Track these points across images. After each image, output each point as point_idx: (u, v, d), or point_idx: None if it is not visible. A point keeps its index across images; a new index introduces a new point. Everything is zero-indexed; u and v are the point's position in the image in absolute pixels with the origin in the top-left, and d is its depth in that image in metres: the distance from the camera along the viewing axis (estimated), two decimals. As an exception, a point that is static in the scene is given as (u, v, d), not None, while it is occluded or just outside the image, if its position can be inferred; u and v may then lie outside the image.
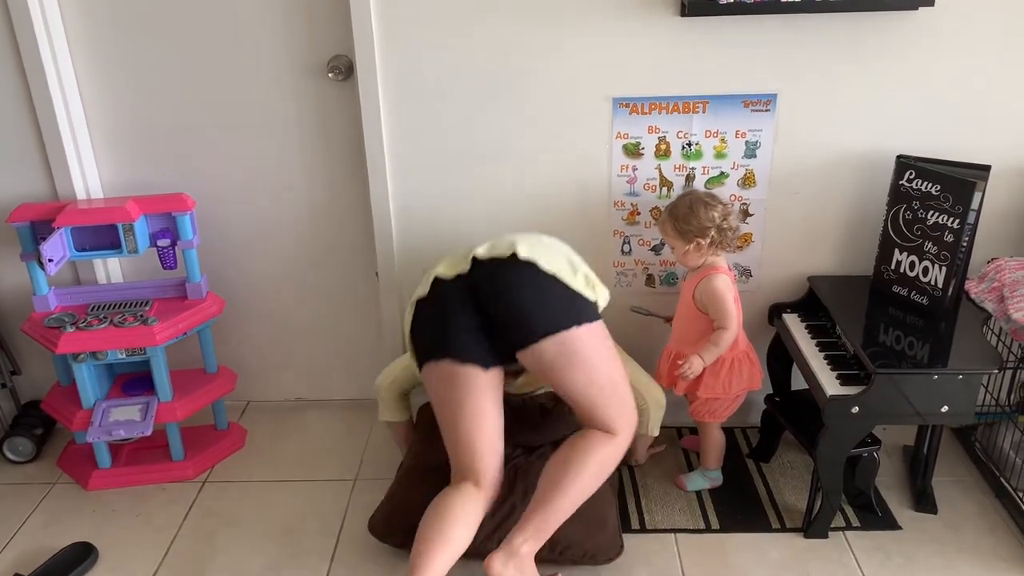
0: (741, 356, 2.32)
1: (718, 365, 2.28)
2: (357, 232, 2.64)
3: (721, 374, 2.29)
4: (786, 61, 2.32)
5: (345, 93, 2.46)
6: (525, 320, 1.93)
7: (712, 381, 2.29)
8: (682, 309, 2.36)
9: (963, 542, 2.23)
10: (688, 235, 2.22)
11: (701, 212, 2.20)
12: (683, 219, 2.21)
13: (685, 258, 2.28)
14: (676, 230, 2.24)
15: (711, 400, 2.33)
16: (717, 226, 2.20)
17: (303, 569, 2.20)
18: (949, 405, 2.06)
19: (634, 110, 2.39)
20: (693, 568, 2.17)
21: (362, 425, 2.74)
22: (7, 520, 2.40)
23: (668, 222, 2.26)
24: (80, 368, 2.40)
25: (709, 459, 2.44)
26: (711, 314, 2.25)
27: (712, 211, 2.20)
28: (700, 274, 2.27)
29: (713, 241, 2.22)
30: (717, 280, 2.23)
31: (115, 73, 2.47)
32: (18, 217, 2.39)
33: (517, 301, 1.93)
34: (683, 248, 2.25)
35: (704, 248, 2.23)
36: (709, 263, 2.27)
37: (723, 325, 2.23)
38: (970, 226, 2.22)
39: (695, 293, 2.27)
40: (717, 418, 2.37)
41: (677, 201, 2.27)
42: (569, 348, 1.93)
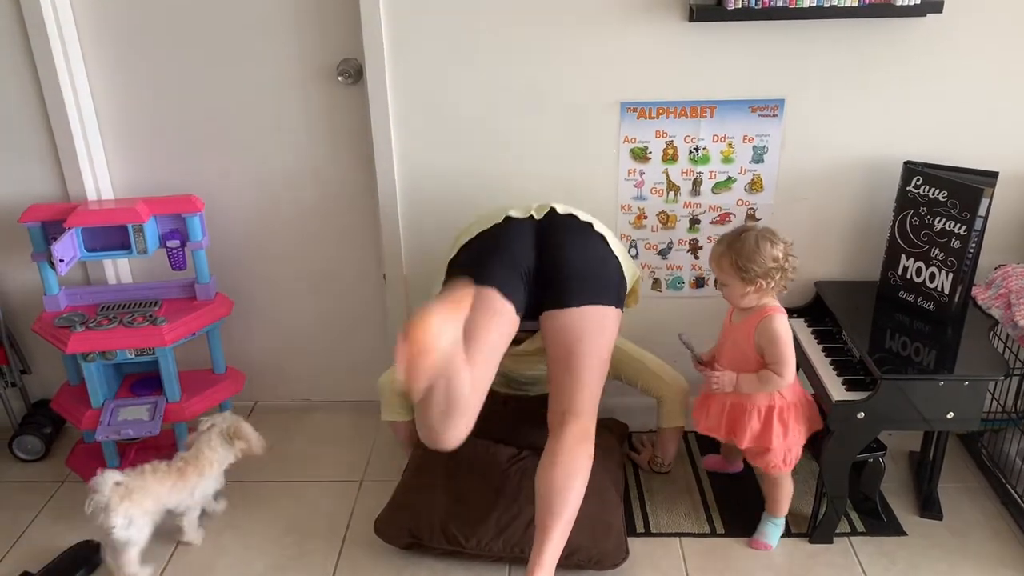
0: (802, 398, 2.16)
1: (786, 413, 2.10)
2: (365, 235, 2.65)
3: (790, 422, 2.11)
4: (794, 67, 2.33)
5: (354, 96, 2.48)
6: (577, 282, 2.06)
7: (782, 431, 2.11)
8: (732, 352, 2.15)
9: (968, 548, 2.22)
10: (751, 276, 2.01)
11: (767, 250, 2.00)
12: (747, 258, 2.00)
13: (741, 300, 2.08)
14: (737, 268, 2.02)
15: (785, 451, 2.15)
16: (780, 267, 2.02)
17: (308, 570, 2.21)
18: (955, 411, 2.06)
19: (642, 115, 2.39)
20: (698, 572, 2.17)
21: (369, 427, 2.75)
22: (16, 518, 2.42)
23: (727, 258, 2.04)
24: (89, 368, 2.41)
25: (781, 507, 2.25)
26: (766, 357, 2.07)
27: (776, 249, 2.01)
28: (758, 314, 2.07)
29: (775, 283, 2.04)
30: (778, 323, 2.05)
31: (126, 75, 2.49)
32: (29, 217, 2.41)
33: (579, 261, 2.08)
34: (742, 290, 2.04)
35: (764, 290, 2.04)
36: (764, 302, 2.09)
37: (779, 372, 2.04)
38: (977, 232, 2.22)
39: (755, 336, 2.07)
40: (790, 466, 2.17)
41: (739, 237, 2.04)
42: (595, 323, 2.07)
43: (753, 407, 2.11)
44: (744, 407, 2.12)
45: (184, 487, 2.21)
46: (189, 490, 2.22)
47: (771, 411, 2.10)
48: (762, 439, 2.12)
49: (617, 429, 2.58)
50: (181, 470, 2.22)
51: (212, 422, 2.30)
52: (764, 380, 2.06)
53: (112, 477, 2.10)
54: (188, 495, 2.22)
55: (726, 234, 2.09)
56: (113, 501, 2.07)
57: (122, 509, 2.07)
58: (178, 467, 2.22)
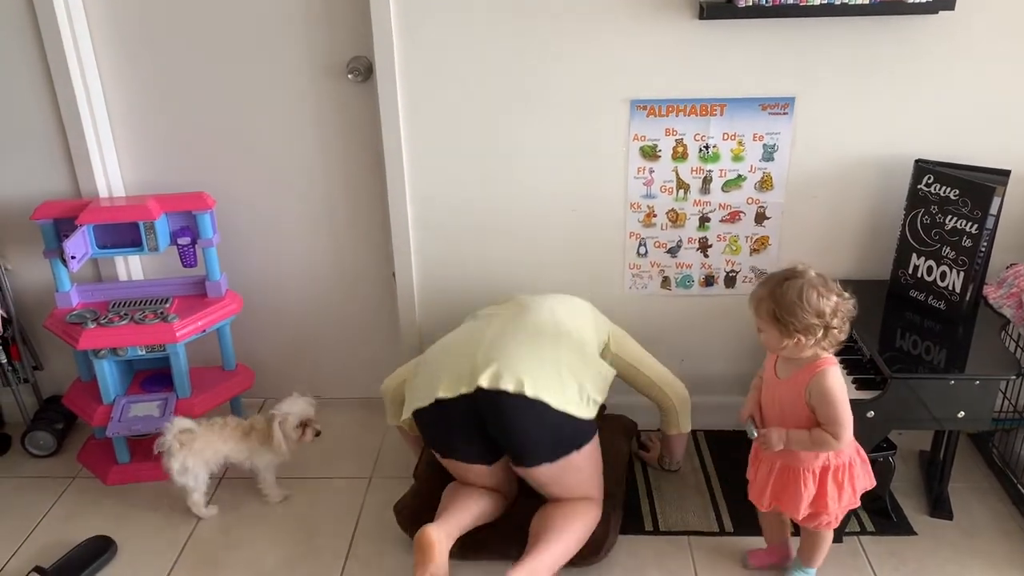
0: (856, 455, 1.95)
1: (841, 474, 1.90)
2: (374, 232, 2.66)
3: (845, 483, 1.91)
4: (804, 64, 2.32)
5: (364, 94, 2.48)
6: (527, 450, 2.04)
7: (838, 493, 1.91)
8: (779, 409, 1.92)
9: (978, 548, 2.22)
10: (788, 330, 1.79)
11: (812, 302, 1.76)
12: (787, 309, 1.77)
13: (780, 351, 1.86)
14: (774, 319, 1.81)
15: (840, 512, 1.96)
16: (826, 324, 1.78)
17: (318, 565, 2.22)
18: (966, 410, 2.06)
19: (652, 112, 2.39)
20: (707, 571, 2.17)
21: (378, 424, 2.75)
22: (28, 513, 2.43)
23: (765, 305, 1.82)
24: (101, 364, 2.43)
25: (817, 560, 2.08)
26: (820, 417, 1.84)
27: (824, 302, 1.77)
28: (807, 370, 1.84)
29: (816, 341, 1.80)
30: (832, 379, 1.82)
31: (138, 74, 2.50)
32: (42, 214, 2.43)
33: (521, 435, 2.03)
34: (778, 341, 1.82)
35: (804, 345, 1.81)
36: (811, 354, 1.85)
37: (835, 434, 1.81)
38: (988, 231, 2.21)
39: (806, 395, 1.84)
40: (837, 523, 2.00)
41: (782, 283, 1.81)
42: (564, 470, 2.06)
43: (807, 470, 1.89)
44: (796, 470, 1.90)
45: (242, 449, 2.36)
46: (247, 453, 2.36)
47: (826, 472, 1.89)
48: (816, 503, 1.92)
49: (625, 427, 2.56)
50: (247, 433, 2.36)
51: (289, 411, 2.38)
52: (818, 441, 1.83)
53: (180, 424, 2.29)
54: (245, 457, 2.37)
55: (771, 276, 1.87)
56: (173, 447, 2.26)
57: (180, 456, 2.27)
58: (244, 429, 2.36)
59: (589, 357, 2.16)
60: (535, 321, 2.17)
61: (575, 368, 2.08)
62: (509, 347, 2.07)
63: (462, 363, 2.05)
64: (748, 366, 2.69)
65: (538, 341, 2.11)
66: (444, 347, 2.19)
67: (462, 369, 2.04)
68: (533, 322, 2.17)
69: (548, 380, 2.02)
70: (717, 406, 2.72)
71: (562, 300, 2.30)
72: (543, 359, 2.06)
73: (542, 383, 2.00)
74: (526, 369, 2.01)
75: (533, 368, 2.02)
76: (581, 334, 2.20)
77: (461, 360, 2.07)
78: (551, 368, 2.04)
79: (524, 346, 2.08)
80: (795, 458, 1.90)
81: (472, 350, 2.08)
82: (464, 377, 2.02)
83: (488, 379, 1.99)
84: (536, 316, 2.19)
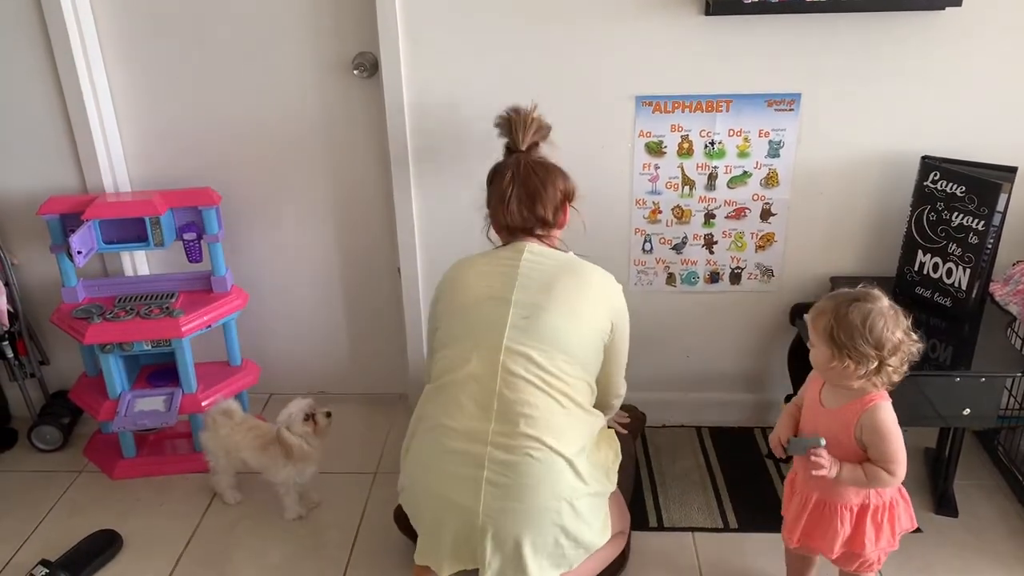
0: (899, 495, 1.82)
1: (878, 515, 1.78)
2: (380, 228, 2.66)
3: (884, 524, 1.79)
4: (811, 61, 2.31)
5: (370, 89, 2.48)
6: None
7: (875, 534, 1.79)
8: (822, 434, 1.75)
9: (984, 546, 2.21)
10: (842, 352, 1.66)
11: (876, 332, 1.64)
12: (847, 331, 1.65)
13: (828, 373, 1.73)
14: (830, 336, 1.67)
15: (880, 554, 1.85)
16: (882, 358, 1.65)
17: (323, 560, 2.23)
18: (971, 408, 2.05)
19: (657, 108, 2.39)
20: (711, 567, 2.17)
21: (383, 419, 2.76)
22: (34, 507, 2.44)
23: (824, 319, 1.69)
24: (107, 359, 2.44)
25: None
26: (873, 453, 1.71)
27: (888, 334, 1.64)
28: (859, 403, 1.71)
29: (868, 373, 1.67)
30: (885, 413, 1.70)
31: (144, 69, 2.51)
32: (48, 210, 2.43)
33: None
34: (827, 361, 1.69)
35: (852, 374, 1.67)
36: (860, 386, 1.71)
37: (891, 471, 1.70)
38: (995, 228, 2.21)
39: (856, 430, 1.72)
40: (880, 565, 1.88)
41: (850, 304, 1.67)
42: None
43: (845, 507, 1.77)
44: (833, 506, 1.78)
45: (260, 460, 2.32)
46: (263, 466, 2.32)
47: (864, 511, 1.77)
48: (852, 543, 1.79)
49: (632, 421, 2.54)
50: (265, 446, 2.32)
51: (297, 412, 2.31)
52: (873, 478, 1.71)
53: (224, 407, 2.37)
54: (261, 468, 2.34)
55: (841, 292, 1.73)
56: (208, 427, 2.35)
57: (205, 438, 2.36)
58: (264, 440, 2.33)
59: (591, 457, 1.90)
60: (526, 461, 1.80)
61: (584, 508, 1.86)
62: (507, 526, 1.80)
63: (460, 537, 1.84)
64: (753, 363, 2.70)
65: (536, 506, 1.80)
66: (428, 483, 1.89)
67: (461, 551, 1.85)
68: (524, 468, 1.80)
69: (551, 551, 1.84)
70: (721, 403, 2.73)
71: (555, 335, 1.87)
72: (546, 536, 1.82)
73: (547, 559, 1.84)
74: (531, 554, 1.81)
75: (536, 536, 1.81)
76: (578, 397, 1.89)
77: (458, 530, 1.83)
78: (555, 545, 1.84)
79: (523, 524, 1.80)
80: (835, 493, 1.77)
81: (466, 520, 1.81)
82: (467, 559, 1.86)
83: (491, 549, 1.81)
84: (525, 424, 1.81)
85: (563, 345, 1.84)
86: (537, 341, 1.83)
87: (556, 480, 1.79)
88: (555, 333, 1.84)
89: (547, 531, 1.81)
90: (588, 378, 1.92)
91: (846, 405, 1.73)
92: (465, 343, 1.90)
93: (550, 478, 1.79)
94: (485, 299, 1.91)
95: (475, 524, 1.79)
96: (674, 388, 2.73)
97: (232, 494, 2.42)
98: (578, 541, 1.85)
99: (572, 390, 1.85)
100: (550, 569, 1.85)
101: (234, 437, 2.33)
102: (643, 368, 2.62)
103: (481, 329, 1.88)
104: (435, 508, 1.87)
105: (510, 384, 1.81)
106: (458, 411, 1.84)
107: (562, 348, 1.84)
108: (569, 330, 1.86)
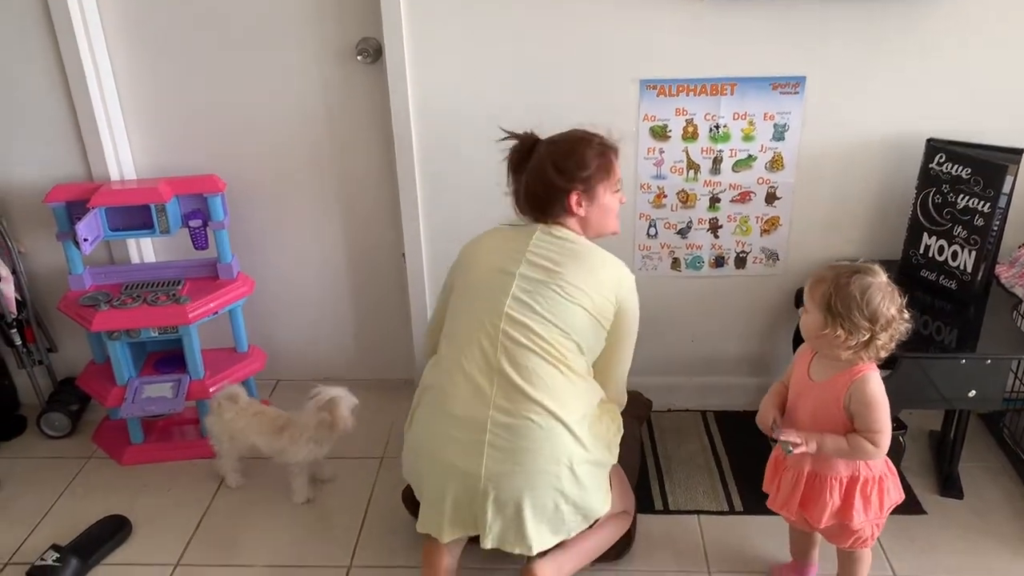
0: (887, 469, 1.84)
1: (867, 487, 1.80)
2: (384, 214, 2.67)
3: (872, 497, 1.81)
4: (815, 43, 2.30)
5: (373, 75, 2.48)
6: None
7: (864, 507, 1.81)
8: (813, 413, 1.80)
9: (988, 528, 2.22)
10: (836, 320, 1.68)
11: (873, 304, 1.66)
12: (844, 301, 1.67)
13: (813, 338, 1.76)
14: (827, 304, 1.69)
15: (873, 528, 1.86)
16: (873, 332, 1.68)
17: (331, 543, 2.24)
18: (977, 390, 2.05)
19: (662, 92, 2.38)
20: (716, 550, 2.18)
21: (389, 404, 2.77)
22: (44, 493, 2.46)
23: (822, 287, 1.71)
24: (114, 346, 2.45)
25: None
26: (859, 423, 1.74)
27: (884, 307, 1.67)
28: (848, 374, 1.74)
29: (858, 345, 1.70)
30: (875, 384, 1.73)
31: (148, 56, 2.51)
32: (54, 197, 2.44)
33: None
34: (818, 328, 1.71)
35: (842, 344, 1.70)
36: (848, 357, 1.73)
37: (875, 441, 1.73)
38: (1001, 210, 2.20)
39: (845, 400, 1.75)
40: (874, 540, 1.89)
41: (851, 276, 1.69)
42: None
43: (835, 478, 1.80)
44: (824, 478, 1.80)
45: (274, 445, 2.32)
46: (278, 449, 2.32)
47: (853, 483, 1.80)
48: (841, 515, 1.82)
49: (637, 406, 2.55)
50: (281, 429, 2.32)
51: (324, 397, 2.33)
52: (856, 448, 1.74)
53: (230, 392, 2.38)
54: (276, 453, 2.34)
55: (842, 264, 1.76)
56: (213, 411, 2.36)
57: (210, 422, 2.38)
58: (279, 423, 2.33)
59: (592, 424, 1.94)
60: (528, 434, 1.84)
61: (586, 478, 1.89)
62: (508, 489, 1.84)
63: (461, 502, 1.87)
64: (758, 346, 2.70)
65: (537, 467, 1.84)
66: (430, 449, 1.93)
67: (463, 516, 1.89)
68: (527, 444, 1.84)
69: (551, 515, 1.88)
70: (727, 386, 2.73)
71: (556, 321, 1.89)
72: (546, 498, 1.86)
73: (549, 525, 1.88)
74: (534, 531, 1.86)
75: (536, 509, 1.85)
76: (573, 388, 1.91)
77: (459, 495, 1.87)
78: (556, 509, 1.88)
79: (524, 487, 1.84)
80: (825, 465, 1.80)
81: (468, 484, 1.85)
82: (468, 524, 1.90)
83: (494, 540, 1.87)
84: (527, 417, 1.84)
85: (560, 321, 1.87)
86: (536, 314, 1.87)
87: (556, 444, 1.83)
88: (554, 308, 1.87)
89: (547, 495, 1.84)
90: (585, 357, 1.95)
91: (835, 376, 1.75)
92: (469, 313, 1.95)
93: (550, 442, 1.83)
94: (492, 271, 1.95)
95: (477, 488, 1.83)
96: (679, 372, 2.74)
97: (234, 477, 2.44)
98: (577, 506, 1.88)
99: (571, 362, 1.88)
100: (549, 535, 1.89)
101: (239, 422, 2.34)
102: (648, 352, 2.61)
103: (484, 299, 1.92)
104: (438, 474, 1.90)
105: (511, 351, 1.85)
106: (461, 378, 1.88)
107: (559, 324, 1.87)
108: (567, 309, 1.88)
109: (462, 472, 1.84)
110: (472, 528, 1.90)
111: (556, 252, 1.92)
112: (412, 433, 2.01)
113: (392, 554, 2.20)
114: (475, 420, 1.84)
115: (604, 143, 1.98)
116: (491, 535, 1.86)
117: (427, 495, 1.96)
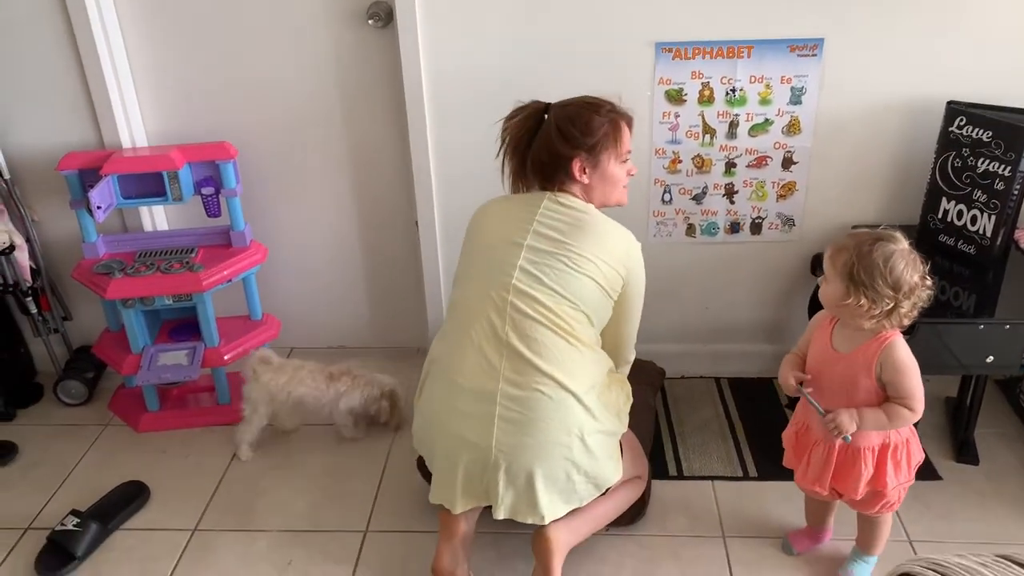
0: (908, 430, 1.83)
1: (897, 453, 1.80)
2: (397, 181, 2.65)
3: (902, 461, 1.81)
4: (833, 4, 2.26)
5: (385, 40, 2.45)
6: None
7: (895, 471, 1.80)
8: (841, 386, 1.77)
9: (1004, 494, 2.22)
10: (859, 289, 1.65)
11: (897, 272, 1.64)
12: (867, 270, 1.64)
13: (833, 307, 1.74)
14: (849, 273, 1.66)
15: (900, 492, 1.86)
16: (896, 300, 1.65)
17: (347, 510, 2.26)
18: (995, 356, 2.04)
19: (677, 55, 2.35)
20: (730, 516, 2.19)
21: (403, 371, 2.77)
22: (63, 459, 2.49)
23: (844, 255, 1.68)
24: (128, 314, 2.45)
25: (878, 546, 1.97)
26: (893, 391, 1.73)
27: (908, 275, 1.65)
28: (876, 342, 1.72)
29: (881, 314, 1.67)
30: (904, 350, 1.72)
31: (158, 24, 2.49)
32: (66, 165, 2.43)
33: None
34: (839, 297, 1.69)
35: (864, 313, 1.67)
36: (872, 326, 1.71)
37: (911, 407, 1.72)
38: (1022, 174, 2.17)
39: (876, 369, 1.73)
40: (900, 503, 1.89)
41: (873, 244, 1.67)
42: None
43: (868, 448, 1.79)
44: (857, 450, 1.79)
45: (323, 393, 2.41)
46: (332, 396, 2.42)
47: (885, 451, 1.79)
48: (874, 482, 1.81)
49: (651, 375, 2.55)
50: (334, 378, 2.43)
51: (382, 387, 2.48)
52: (895, 417, 1.72)
53: (261, 354, 2.44)
54: (329, 400, 2.42)
55: (862, 231, 1.73)
56: (250, 377, 2.40)
57: (248, 389, 2.40)
58: (331, 374, 2.44)
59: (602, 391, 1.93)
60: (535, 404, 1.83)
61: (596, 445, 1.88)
62: (520, 460, 1.83)
63: (473, 474, 1.87)
64: (773, 313, 2.69)
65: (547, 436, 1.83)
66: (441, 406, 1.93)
67: (475, 487, 1.89)
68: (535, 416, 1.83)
69: (562, 484, 1.87)
70: (741, 354, 2.73)
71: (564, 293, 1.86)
72: (557, 469, 1.85)
73: (560, 494, 1.88)
74: (545, 499, 1.85)
75: (548, 479, 1.85)
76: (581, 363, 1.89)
77: (471, 467, 1.87)
78: (567, 475, 1.87)
79: (535, 457, 1.83)
80: (859, 436, 1.77)
81: (479, 456, 1.85)
82: (479, 495, 1.90)
83: (506, 510, 1.87)
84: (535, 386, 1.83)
85: (568, 293, 1.85)
86: (544, 286, 1.85)
87: (566, 415, 1.83)
88: (562, 279, 1.85)
89: (558, 465, 1.84)
90: (593, 329, 1.93)
91: (862, 346, 1.73)
92: (476, 283, 1.93)
93: (560, 413, 1.82)
94: (499, 242, 1.92)
95: (488, 460, 1.83)
96: (693, 339, 2.73)
97: (246, 450, 2.44)
98: (589, 476, 1.88)
99: (579, 333, 1.87)
100: (561, 504, 1.89)
101: (279, 378, 2.39)
102: (662, 320, 2.62)
103: (492, 270, 1.90)
104: (449, 446, 1.90)
105: (519, 323, 1.84)
106: (471, 350, 1.87)
107: (567, 295, 1.85)
108: (576, 280, 1.86)
109: (473, 445, 1.84)
110: (484, 499, 1.90)
111: (564, 222, 1.90)
112: (422, 406, 2.00)
113: (409, 519, 2.22)
114: (485, 393, 1.83)
115: (615, 110, 1.94)
116: (503, 506, 1.86)
117: (439, 467, 1.96)
